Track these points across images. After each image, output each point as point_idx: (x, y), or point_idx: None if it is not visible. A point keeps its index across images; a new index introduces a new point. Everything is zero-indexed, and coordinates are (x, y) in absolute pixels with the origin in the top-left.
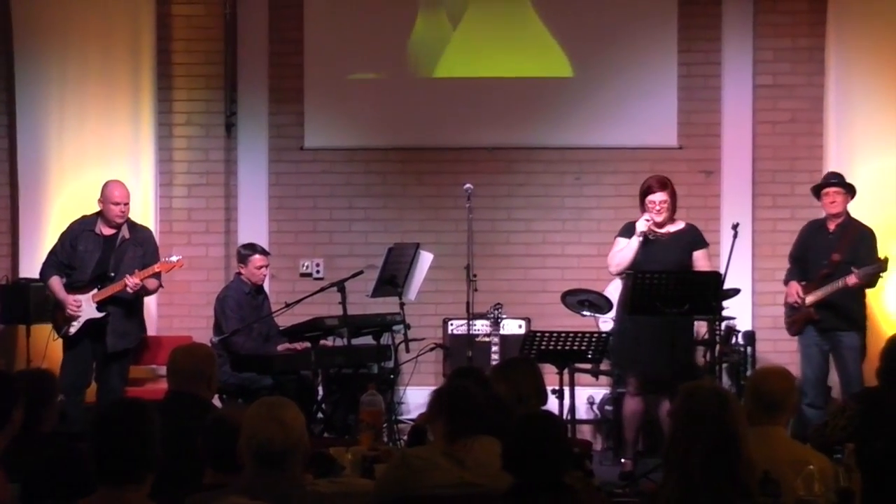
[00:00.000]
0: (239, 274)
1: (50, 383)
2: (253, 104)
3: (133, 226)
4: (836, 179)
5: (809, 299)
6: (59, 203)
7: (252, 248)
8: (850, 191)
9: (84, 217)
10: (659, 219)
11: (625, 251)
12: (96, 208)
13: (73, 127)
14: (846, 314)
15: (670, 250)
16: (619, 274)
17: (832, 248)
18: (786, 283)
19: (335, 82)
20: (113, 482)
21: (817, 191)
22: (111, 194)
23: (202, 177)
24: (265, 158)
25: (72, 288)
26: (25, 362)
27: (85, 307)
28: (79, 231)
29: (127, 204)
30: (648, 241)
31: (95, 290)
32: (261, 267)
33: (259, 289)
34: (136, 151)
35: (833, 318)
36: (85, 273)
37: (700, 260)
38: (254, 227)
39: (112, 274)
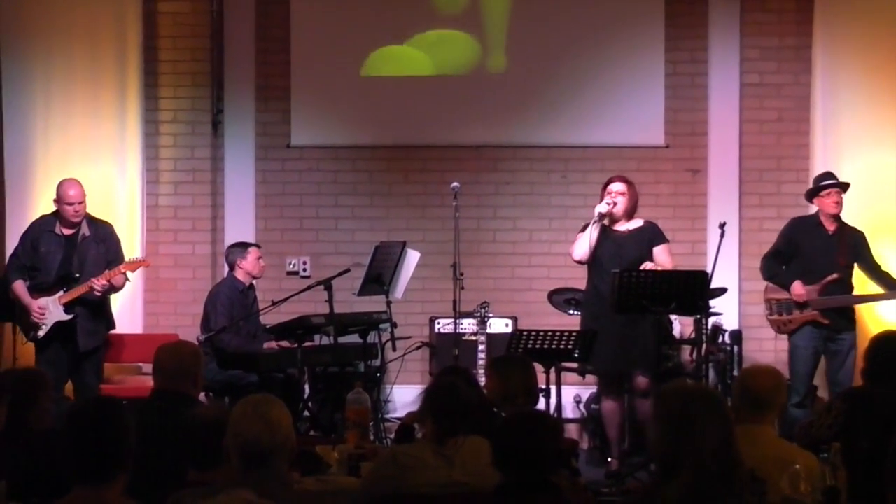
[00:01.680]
0: (231, 271)
1: (39, 382)
2: (239, 102)
3: (92, 221)
4: (835, 179)
5: (820, 304)
6: (46, 200)
7: (244, 244)
8: (845, 190)
9: (42, 217)
10: (615, 208)
11: (583, 237)
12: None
13: (60, 124)
14: (848, 315)
15: (628, 247)
16: (582, 262)
17: (835, 251)
18: (775, 278)
19: (322, 80)
20: (88, 481)
21: (816, 192)
22: (65, 194)
23: (189, 174)
24: (252, 156)
25: (37, 290)
26: (11, 359)
27: (52, 309)
28: (38, 232)
29: (82, 203)
30: (607, 237)
31: (62, 293)
32: (259, 258)
33: (251, 286)
34: (122, 149)
35: (839, 320)
36: (49, 274)
37: (660, 256)
38: (240, 224)
39: (77, 274)
